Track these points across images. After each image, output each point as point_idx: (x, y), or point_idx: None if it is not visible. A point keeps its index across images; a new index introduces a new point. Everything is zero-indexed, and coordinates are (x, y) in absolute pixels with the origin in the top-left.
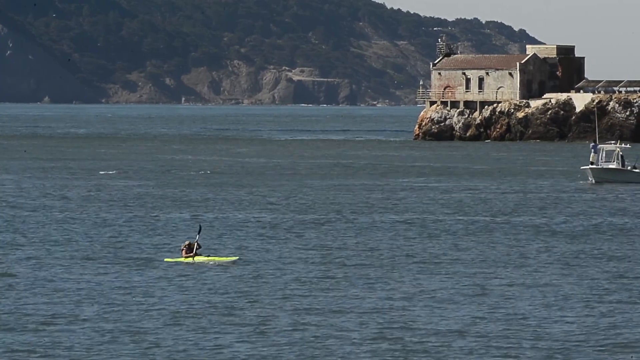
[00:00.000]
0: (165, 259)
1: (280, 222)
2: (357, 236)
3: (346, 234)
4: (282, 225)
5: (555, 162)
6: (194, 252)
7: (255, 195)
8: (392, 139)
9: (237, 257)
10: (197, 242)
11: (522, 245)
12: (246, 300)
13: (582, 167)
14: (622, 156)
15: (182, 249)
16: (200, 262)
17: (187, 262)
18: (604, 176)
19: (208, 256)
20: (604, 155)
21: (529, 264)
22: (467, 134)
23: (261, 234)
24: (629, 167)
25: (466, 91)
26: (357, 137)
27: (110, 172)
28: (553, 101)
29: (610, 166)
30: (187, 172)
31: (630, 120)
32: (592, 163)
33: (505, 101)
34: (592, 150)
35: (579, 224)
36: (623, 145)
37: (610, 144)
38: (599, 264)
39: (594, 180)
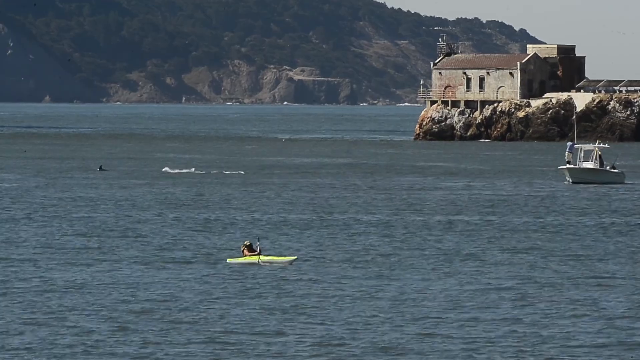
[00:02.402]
0: (228, 259)
1: (337, 221)
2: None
3: (400, 233)
4: (339, 225)
5: (548, 161)
6: (256, 252)
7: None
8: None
9: (295, 257)
10: (258, 246)
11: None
12: (304, 300)
13: (559, 167)
14: (600, 156)
15: (243, 249)
16: (260, 262)
17: (250, 262)
18: (581, 176)
19: (266, 256)
20: (582, 155)
21: (482, 263)
22: (468, 134)
23: (318, 234)
24: (607, 167)
25: (467, 91)
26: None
27: (241, 172)
28: (554, 101)
29: (588, 166)
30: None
31: (630, 119)
32: (568, 162)
33: (505, 101)
34: (568, 149)
35: (551, 223)
36: (602, 145)
37: (588, 143)
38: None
39: (571, 181)
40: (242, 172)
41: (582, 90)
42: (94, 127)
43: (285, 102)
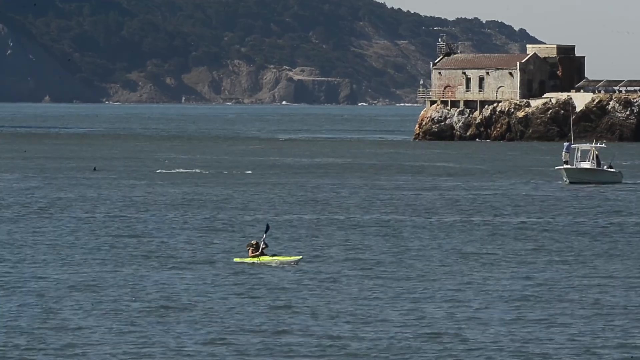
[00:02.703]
0: (235, 259)
1: (337, 221)
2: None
3: (400, 233)
4: (339, 225)
5: (547, 161)
6: (260, 251)
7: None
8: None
9: (300, 257)
10: (263, 240)
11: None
12: (304, 300)
13: (556, 167)
14: (597, 156)
15: (249, 249)
16: (264, 262)
17: (252, 262)
18: (578, 176)
19: (272, 256)
20: (579, 155)
21: (473, 264)
22: (468, 134)
23: (318, 234)
24: (604, 167)
25: (466, 91)
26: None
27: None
28: (553, 101)
29: (585, 166)
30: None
31: (630, 119)
32: (565, 163)
33: (505, 101)
34: (565, 149)
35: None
36: (599, 144)
37: (586, 143)
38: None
39: (568, 181)
40: (249, 172)
41: (581, 90)
42: (94, 127)
43: (284, 102)
